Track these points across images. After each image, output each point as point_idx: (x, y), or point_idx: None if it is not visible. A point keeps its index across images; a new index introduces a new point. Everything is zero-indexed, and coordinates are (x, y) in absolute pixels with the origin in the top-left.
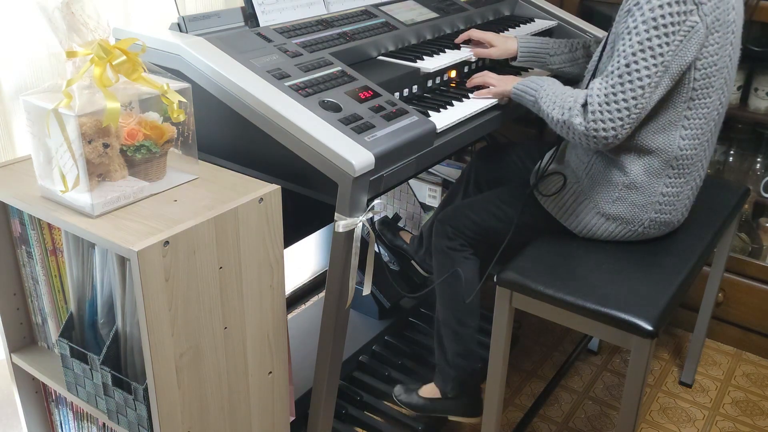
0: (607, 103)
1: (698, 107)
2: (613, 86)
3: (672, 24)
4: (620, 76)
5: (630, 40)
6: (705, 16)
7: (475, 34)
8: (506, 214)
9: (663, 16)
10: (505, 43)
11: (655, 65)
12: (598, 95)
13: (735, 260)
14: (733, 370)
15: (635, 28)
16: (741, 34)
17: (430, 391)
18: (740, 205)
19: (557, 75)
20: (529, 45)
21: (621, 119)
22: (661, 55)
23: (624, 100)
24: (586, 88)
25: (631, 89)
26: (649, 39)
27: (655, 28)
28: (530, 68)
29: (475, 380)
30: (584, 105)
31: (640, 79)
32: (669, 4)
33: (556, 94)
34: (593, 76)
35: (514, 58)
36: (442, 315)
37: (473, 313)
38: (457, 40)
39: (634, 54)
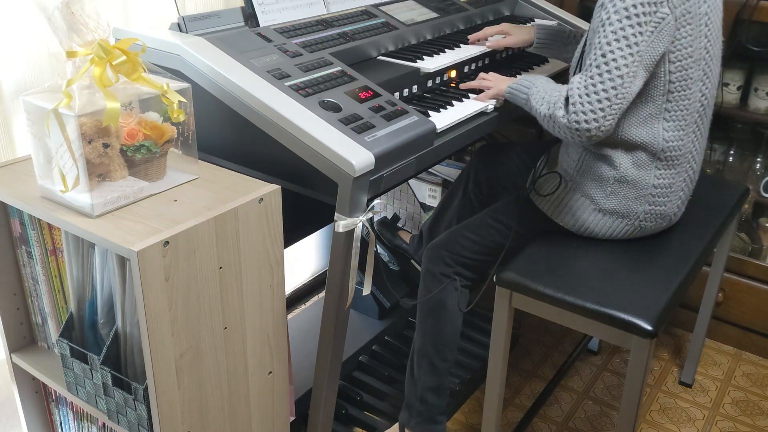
0: (587, 95)
1: (678, 99)
2: (591, 77)
3: (644, 14)
4: (598, 67)
5: (604, 31)
6: (674, 8)
7: (489, 30)
8: (504, 225)
9: (634, 6)
10: (521, 31)
11: (631, 54)
12: (578, 87)
13: (735, 260)
14: (733, 370)
15: (608, 19)
16: (720, 27)
17: None
18: (740, 205)
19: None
20: (545, 32)
21: (602, 110)
22: (636, 44)
23: (604, 90)
24: None
25: (609, 79)
26: (622, 29)
27: (628, 17)
28: (533, 63)
29: (441, 424)
30: (567, 99)
31: (618, 68)
32: None
33: (546, 90)
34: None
35: (530, 45)
36: (419, 344)
37: (452, 348)
38: (472, 39)
39: (609, 44)
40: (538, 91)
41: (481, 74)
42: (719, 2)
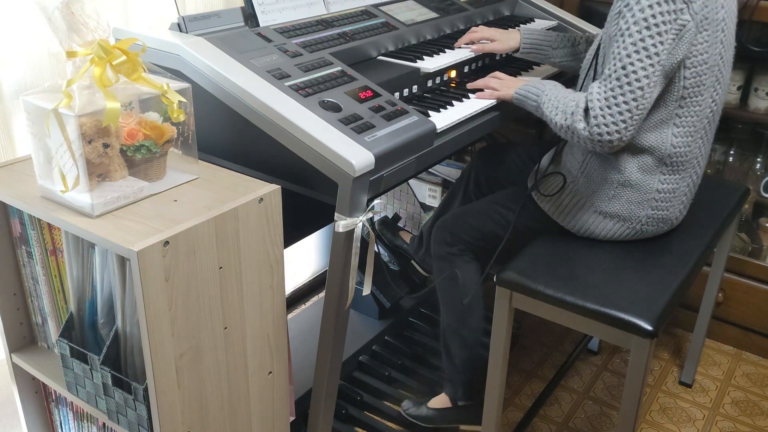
0: (608, 107)
1: (690, 105)
2: (612, 89)
3: (664, 23)
4: (618, 79)
5: (623, 42)
6: (695, 14)
7: (475, 35)
8: (505, 217)
9: (654, 16)
10: (508, 37)
11: (651, 65)
12: (598, 99)
13: (735, 260)
14: (733, 370)
15: (627, 29)
16: (734, 33)
17: (440, 401)
18: (740, 205)
19: (559, 69)
20: (531, 37)
21: (624, 121)
22: (657, 54)
23: (625, 102)
24: (581, 89)
25: (630, 91)
26: (642, 39)
27: (647, 28)
28: (533, 62)
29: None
30: (586, 110)
31: (638, 80)
32: (659, 4)
33: (558, 98)
34: (588, 78)
35: (517, 50)
36: (446, 321)
37: (478, 317)
38: (458, 43)
39: (629, 56)
40: (550, 99)
41: (494, 73)
42: (734, 8)
